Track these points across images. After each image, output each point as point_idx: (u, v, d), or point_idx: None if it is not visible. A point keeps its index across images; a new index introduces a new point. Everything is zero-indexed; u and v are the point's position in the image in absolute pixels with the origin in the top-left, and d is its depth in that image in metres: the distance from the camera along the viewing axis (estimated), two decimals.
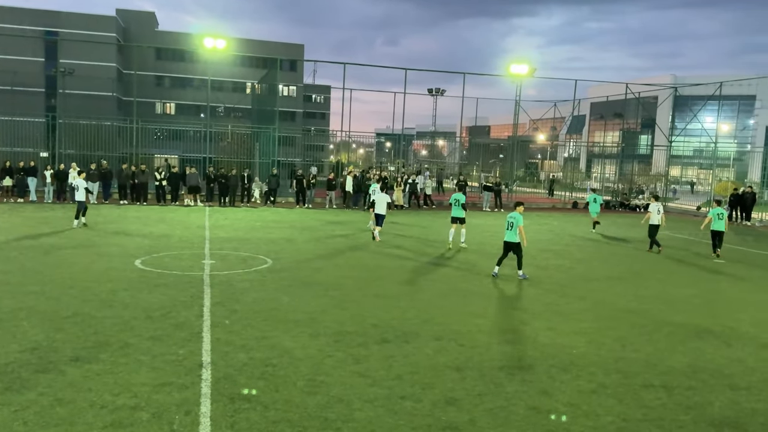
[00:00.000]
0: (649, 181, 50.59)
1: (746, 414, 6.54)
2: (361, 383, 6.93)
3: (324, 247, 16.82)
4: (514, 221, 13.11)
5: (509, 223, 13.14)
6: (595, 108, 69.23)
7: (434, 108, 58.73)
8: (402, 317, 9.79)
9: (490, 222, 25.24)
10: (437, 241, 19.06)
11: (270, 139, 32.07)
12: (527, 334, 9.20)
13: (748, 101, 62.01)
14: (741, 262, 17.15)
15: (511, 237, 13.17)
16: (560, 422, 6.14)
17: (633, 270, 15.28)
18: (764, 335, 9.60)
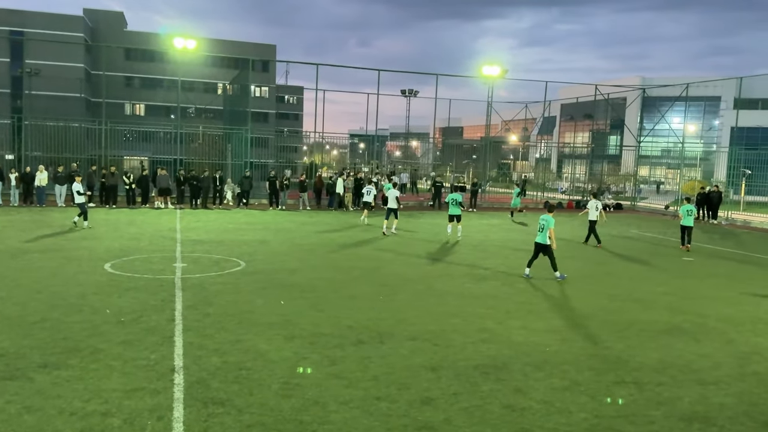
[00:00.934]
0: (618, 180, 51.46)
1: (715, 408, 6.69)
2: (337, 385, 6.91)
3: (298, 249, 16.74)
4: (545, 224, 13.28)
5: (540, 225, 13.36)
6: (565, 109, 70.18)
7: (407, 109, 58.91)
8: (377, 318, 9.79)
9: (464, 223, 25.34)
10: (412, 241, 19.11)
11: (242, 140, 31.79)
12: (501, 333, 9.27)
13: (714, 102, 63.51)
14: (708, 260, 17.54)
15: (543, 239, 13.45)
16: (535, 419, 6.20)
17: (604, 269, 15.52)
18: (731, 331, 9.84)
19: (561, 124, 75.09)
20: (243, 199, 28.89)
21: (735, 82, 35.34)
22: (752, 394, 7.15)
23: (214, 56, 56.50)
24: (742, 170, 37.11)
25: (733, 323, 10.30)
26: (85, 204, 19.47)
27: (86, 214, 19.29)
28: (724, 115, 61.21)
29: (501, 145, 75.19)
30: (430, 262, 15.47)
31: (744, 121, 40.51)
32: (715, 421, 6.34)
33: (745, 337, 9.53)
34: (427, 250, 17.34)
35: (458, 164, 61.45)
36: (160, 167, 28.28)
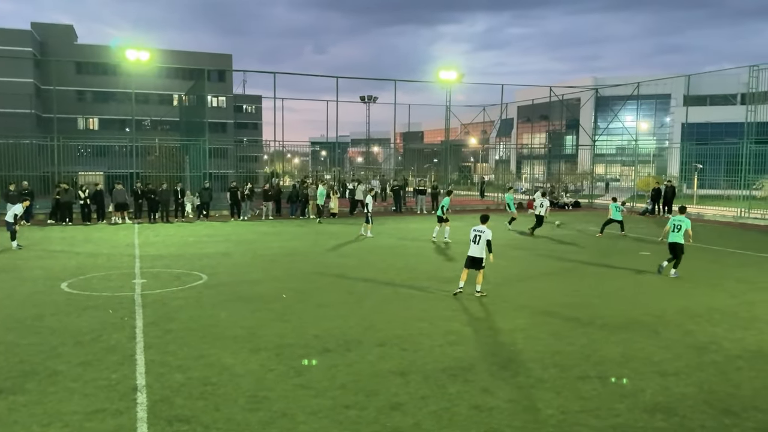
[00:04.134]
0: (575, 179, 52.51)
1: (676, 398, 6.86)
2: (305, 395, 6.84)
3: (262, 260, 16.55)
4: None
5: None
6: (522, 111, 71.36)
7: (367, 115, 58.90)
8: (344, 326, 9.74)
9: (426, 225, 25.51)
10: (378, 247, 19.12)
11: (200, 151, 31.32)
12: (468, 334, 9.34)
13: (664, 100, 65.43)
14: (665, 254, 17.99)
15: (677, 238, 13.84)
16: (503, 419, 6.26)
17: (565, 266, 15.79)
18: (688, 322, 10.12)
19: (518, 125, 76.34)
20: (203, 211, 28.43)
21: (684, 80, 36.52)
22: (711, 382, 7.36)
23: (169, 67, 55.59)
24: (694, 165, 38.34)
25: (690, 315, 10.60)
26: (14, 225, 18.47)
27: (14, 234, 18.43)
28: (675, 112, 63.12)
29: (461, 148, 76.00)
30: (396, 266, 15.48)
31: (694, 117, 41.84)
32: (677, 411, 6.50)
33: (702, 327, 9.81)
34: (393, 255, 17.36)
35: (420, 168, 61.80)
36: (116, 182, 27.62)
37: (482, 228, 11.86)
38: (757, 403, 6.72)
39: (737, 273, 14.65)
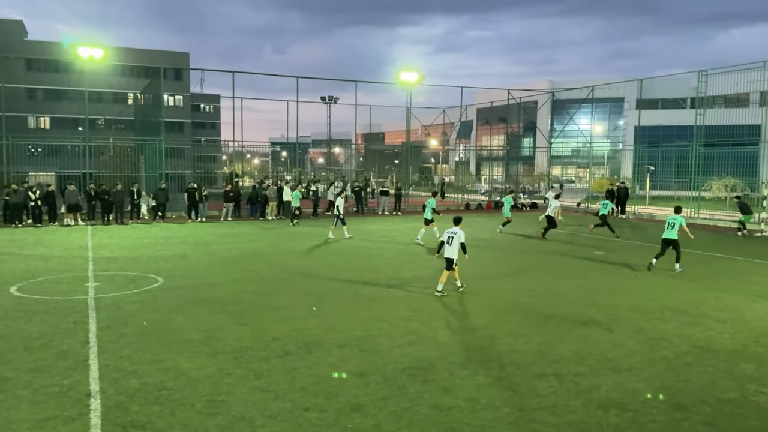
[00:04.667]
0: (533, 180, 53.48)
1: (629, 394, 7.05)
2: (264, 399, 6.78)
3: (220, 262, 16.32)
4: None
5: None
6: (481, 113, 72.28)
7: (328, 116, 58.80)
8: (304, 327, 9.69)
9: (388, 226, 25.61)
10: (339, 248, 19.07)
11: (156, 151, 30.67)
12: (427, 334, 9.40)
13: (618, 103, 67.21)
14: (618, 252, 18.50)
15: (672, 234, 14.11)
16: (462, 417, 6.32)
17: (522, 266, 16.05)
18: (641, 320, 10.41)
19: (478, 127, 77.30)
20: (159, 212, 27.85)
21: (636, 84, 37.61)
22: (663, 378, 7.59)
23: (123, 65, 54.24)
24: (646, 167, 39.48)
25: (642, 312, 10.91)
26: None
27: None
28: (628, 115, 64.90)
29: (422, 149, 76.49)
30: (356, 267, 15.48)
31: (646, 120, 43.08)
32: (630, 407, 6.68)
33: (654, 324, 10.11)
34: (354, 257, 17.35)
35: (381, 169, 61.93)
36: (68, 182, 26.81)
37: (455, 230, 12.10)
38: (705, 397, 6.97)
39: (687, 272, 15.14)
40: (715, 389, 7.21)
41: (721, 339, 9.25)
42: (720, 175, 34.94)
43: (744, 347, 8.85)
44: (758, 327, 9.93)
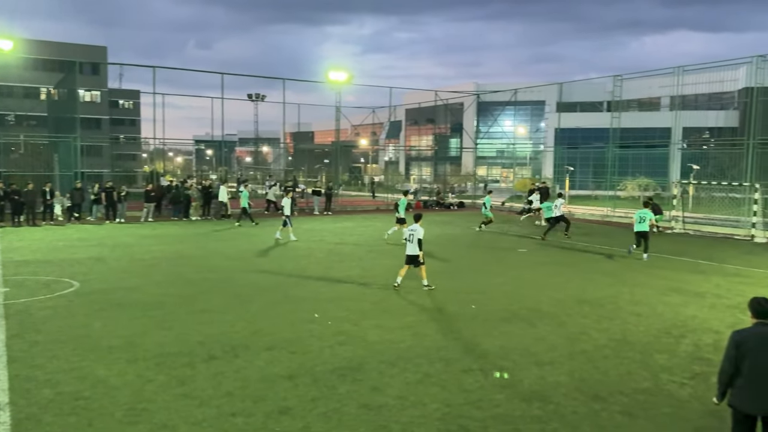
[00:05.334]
0: (460, 180, 54.58)
1: (551, 387, 7.30)
2: (188, 405, 6.56)
3: (140, 264, 15.68)
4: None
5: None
6: (409, 114, 73.11)
7: (255, 114, 57.59)
8: (230, 331, 9.46)
9: (318, 226, 25.42)
10: (267, 249, 18.75)
11: (71, 149, 29.14)
12: (357, 334, 9.39)
13: (539, 106, 69.60)
14: (540, 250, 19.16)
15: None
16: (391, 415, 6.35)
17: (451, 265, 16.33)
18: (562, 314, 10.81)
19: (407, 128, 78.15)
20: (74, 213, 26.46)
21: (556, 88, 39.07)
22: (582, 370, 7.90)
23: (35, 58, 51.26)
24: (566, 167, 41.15)
25: (562, 307, 11.34)
26: None
27: None
28: (549, 117, 67.35)
29: (351, 149, 76.51)
30: (285, 268, 15.27)
31: (565, 122, 44.92)
32: (552, 399, 6.92)
33: (574, 319, 10.53)
34: (282, 257, 17.12)
35: (310, 169, 61.45)
36: None
37: (415, 227, 12.55)
38: (622, 387, 7.31)
39: (603, 267, 15.88)
40: (630, 380, 7.58)
41: (636, 331, 9.74)
42: (634, 175, 36.86)
43: (657, 339, 9.35)
44: (670, 319, 10.53)
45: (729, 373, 4.89)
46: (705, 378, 7.65)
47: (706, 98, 46.58)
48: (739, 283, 13.76)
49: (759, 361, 4.75)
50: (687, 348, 8.90)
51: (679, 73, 27.94)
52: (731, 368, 4.87)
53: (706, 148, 35.37)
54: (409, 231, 12.61)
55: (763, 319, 4.88)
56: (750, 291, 12.81)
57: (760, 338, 4.80)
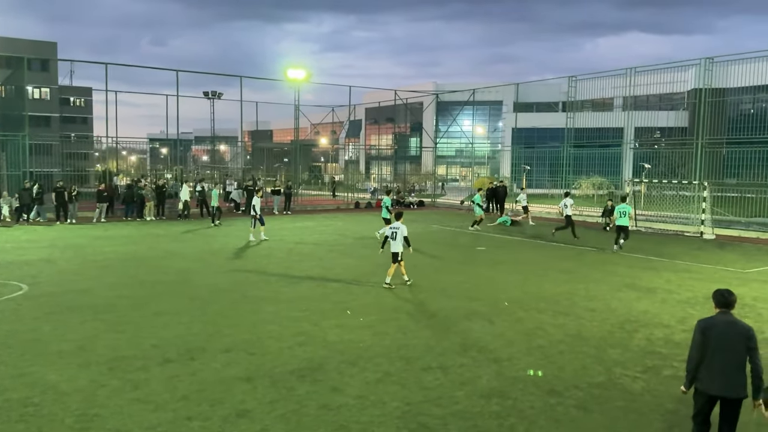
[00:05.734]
0: (420, 179, 54.85)
1: (509, 382, 7.40)
2: (142, 410, 6.40)
3: (92, 266, 15.24)
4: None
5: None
6: (369, 113, 73.12)
7: (212, 112, 56.59)
8: (187, 333, 9.27)
9: (278, 226, 25.15)
10: (224, 249, 18.46)
11: (19, 147, 28.10)
12: (317, 334, 9.33)
13: (497, 106, 70.54)
14: (498, 248, 19.42)
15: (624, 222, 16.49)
16: (351, 415, 6.33)
17: (411, 263, 16.35)
18: (519, 311, 10.98)
19: (366, 127, 78.13)
20: (23, 214, 25.53)
21: (513, 88, 39.67)
22: (538, 366, 8.03)
23: None
24: (523, 166, 41.79)
25: (520, 304, 11.51)
26: None
27: None
28: (506, 117, 68.31)
29: (311, 148, 76.00)
30: (244, 269, 15.06)
31: (522, 122, 45.62)
32: (510, 394, 7.01)
33: (531, 315, 10.70)
34: (241, 257, 16.88)
35: (269, 168, 60.79)
36: None
37: (398, 225, 12.92)
38: (577, 382, 7.46)
39: (559, 265, 16.19)
40: (585, 374, 7.74)
41: (591, 327, 9.96)
42: (588, 174, 37.69)
43: (611, 334, 9.58)
44: (623, 314, 10.81)
45: (697, 359, 5.24)
46: (657, 371, 7.88)
47: (657, 99, 48.05)
48: (689, 279, 14.22)
49: (721, 345, 5.11)
50: (639, 342, 9.14)
51: (631, 74, 28.70)
52: (699, 354, 5.22)
53: (657, 148, 36.43)
54: (392, 229, 12.92)
55: (725, 309, 5.26)
56: (699, 286, 13.27)
57: (723, 324, 5.18)
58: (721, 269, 15.63)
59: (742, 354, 5.07)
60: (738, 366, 5.07)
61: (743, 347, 5.07)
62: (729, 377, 5.08)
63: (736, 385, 5.08)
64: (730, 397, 5.11)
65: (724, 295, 5.30)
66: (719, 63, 25.91)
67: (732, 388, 5.09)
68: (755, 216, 25.57)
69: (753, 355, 5.07)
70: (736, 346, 5.08)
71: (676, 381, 7.45)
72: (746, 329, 5.14)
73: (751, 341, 5.08)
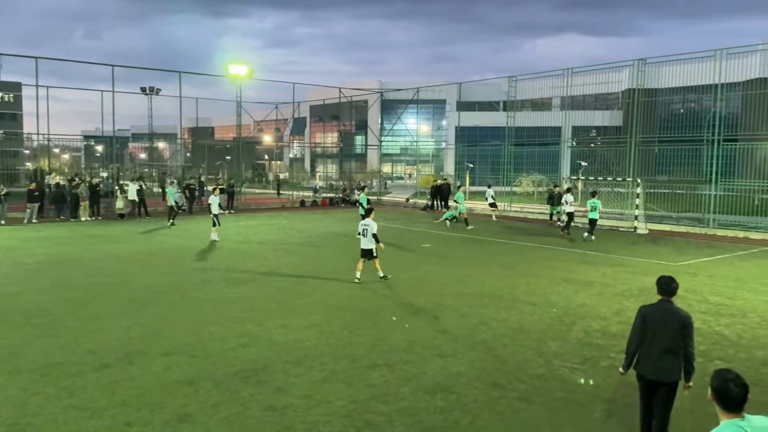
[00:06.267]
0: (366, 177, 54.93)
1: (453, 377, 7.51)
2: (78, 417, 6.16)
3: (23, 269, 14.55)
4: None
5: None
6: (314, 110, 72.62)
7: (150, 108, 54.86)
8: (125, 337, 8.98)
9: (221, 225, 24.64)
10: (164, 250, 17.96)
11: None
12: (261, 334, 9.21)
13: (441, 105, 71.36)
14: (444, 245, 19.65)
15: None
16: (296, 416, 6.28)
17: (356, 261, 16.35)
18: (464, 306, 11.14)
19: (311, 124, 77.57)
20: None
21: (456, 87, 40.18)
22: (482, 360, 8.19)
23: None
24: (466, 164, 42.48)
25: (464, 299, 11.69)
26: None
27: None
28: (449, 116, 69.21)
29: (255, 145, 74.84)
30: (184, 270, 14.70)
31: (465, 121, 46.33)
32: (454, 389, 7.11)
33: (475, 310, 10.88)
34: (180, 258, 16.46)
35: (211, 166, 59.52)
36: None
37: (368, 222, 13.09)
38: (519, 375, 7.64)
39: (501, 260, 16.54)
40: (527, 367, 7.94)
41: (532, 320, 10.22)
42: (528, 172, 38.64)
43: (550, 327, 9.86)
44: (562, 307, 11.13)
45: (636, 343, 5.51)
46: (594, 362, 8.16)
47: (593, 99, 49.69)
48: (624, 272, 14.79)
49: (659, 331, 5.35)
50: (577, 334, 9.44)
51: (568, 75, 29.58)
52: (638, 338, 5.48)
53: (593, 146, 37.71)
54: (363, 226, 13.11)
55: (666, 296, 5.48)
56: (634, 279, 13.82)
57: (662, 312, 5.42)
58: (654, 263, 16.33)
59: (677, 340, 5.31)
60: (672, 351, 5.31)
61: (678, 334, 5.31)
62: (663, 362, 5.32)
63: (669, 369, 5.32)
64: (663, 381, 5.35)
65: (666, 283, 5.52)
66: (651, 64, 27.06)
67: (665, 372, 5.33)
68: (685, 211, 26.85)
69: (687, 343, 5.32)
70: (672, 333, 5.32)
71: (614, 371, 7.75)
72: (683, 317, 5.37)
73: (686, 329, 5.32)
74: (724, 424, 3.23)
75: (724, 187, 24.89)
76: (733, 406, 3.23)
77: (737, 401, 3.22)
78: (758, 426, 3.22)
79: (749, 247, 19.71)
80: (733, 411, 3.23)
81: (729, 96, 29.33)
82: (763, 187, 24.24)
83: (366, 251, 13.15)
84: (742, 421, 3.20)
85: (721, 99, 25.06)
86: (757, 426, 3.21)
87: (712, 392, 3.30)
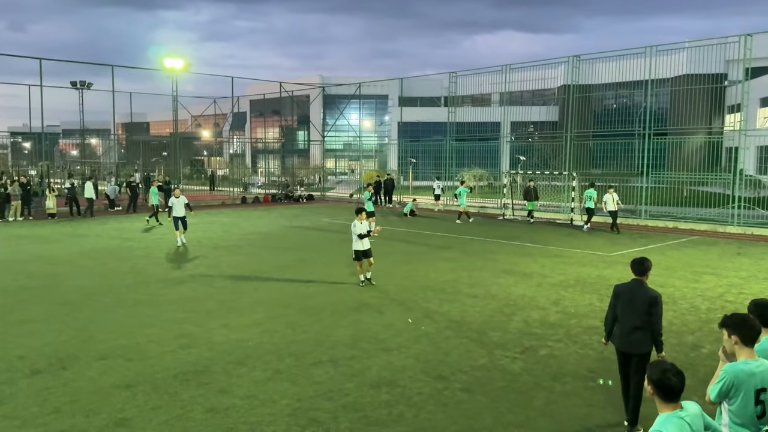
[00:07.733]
0: (309, 173, 54.48)
1: (398, 371, 7.56)
2: (8, 427, 5.87)
3: None
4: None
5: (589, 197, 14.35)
6: (254, 105, 71.41)
7: (80, 103, 52.58)
8: (57, 341, 8.60)
9: (156, 223, 23.96)
10: (97, 250, 17.29)
11: None
12: (201, 335, 9.00)
13: (383, 100, 71.46)
14: (389, 240, 19.72)
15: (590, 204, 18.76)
16: (239, 416, 6.18)
17: (299, 257, 16.25)
18: (408, 301, 11.23)
19: (252, 119, 76.27)
20: None
21: (398, 83, 40.43)
22: (426, 353, 8.27)
23: None
24: (409, 159, 42.77)
25: (408, 293, 11.78)
26: None
27: None
28: (392, 111, 69.41)
29: (192, 141, 72.97)
30: (119, 271, 14.20)
31: (407, 117, 46.53)
32: (399, 383, 7.16)
33: (418, 304, 10.98)
34: (116, 259, 15.90)
35: (147, 162, 57.69)
36: None
37: (356, 223, 12.60)
38: (462, 366, 7.77)
39: (444, 254, 16.75)
40: (469, 358, 8.07)
41: (473, 312, 10.40)
42: (470, 167, 39.27)
43: (491, 318, 10.06)
44: (502, 299, 11.38)
45: (611, 318, 6.10)
46: (534, 351, 8.38)
47: (530, 95, 50.90)
48: (561, 263, 15.24)
49: (629, 308, 5.88)
50: (518, 324, 9.67)
51: (506, 71, 30.18)
52: (612, 314, 6.08)
53: (531, 141, 38.66)
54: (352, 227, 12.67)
55: (639, 276, 5.93)
56: (570, 269, 14.26)
57: (632, 291, 5.92)
58: (590, 253, 16.90)
59: (644, 317, 5.75)
60: (641, 327, 5.77)
61: (645, 311, 5.74)
62: (633, 336, 5.82)
63: (639, 342, 5.81)
64: (634, 353, 5.84)
65: (639, 264, 5.96)
66: (585, 60, 27.90)
67: (635, 344, 5.83)
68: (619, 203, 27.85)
69: (653, 320, 5.75)
70: (640, 309, 5.77)
71: (553, 360, 7.99)
72: (651, 296, 5.79)
73: (653, 307, 5.75)
74: (664, 417, 3.31)
75: (654, 180, 25.96)
76: (673, 396, 3.33)
77: (677, 390, 3.32)
78: (693, 413, 3.35)
79: (678, 236, 20.67)
80: (673, 401, 3.33)
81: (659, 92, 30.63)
82: (691, 179, 25.46)
83: (363, 252, 12.49)
84: (681, 411, 3.31)
85: (651, 95, 26.11)
86: (692, 413, 3.34)
87: (651, 385, 3.36)
